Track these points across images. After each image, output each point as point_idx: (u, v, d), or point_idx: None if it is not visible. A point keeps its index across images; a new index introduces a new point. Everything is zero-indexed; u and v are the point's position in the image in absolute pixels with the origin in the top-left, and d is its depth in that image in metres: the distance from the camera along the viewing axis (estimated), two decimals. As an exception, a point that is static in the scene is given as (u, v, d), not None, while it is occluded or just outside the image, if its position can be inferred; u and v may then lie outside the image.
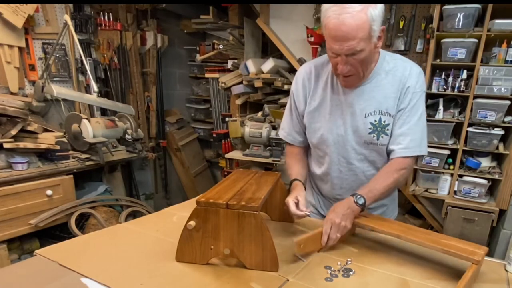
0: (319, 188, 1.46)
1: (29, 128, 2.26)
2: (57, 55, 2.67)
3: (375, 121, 1.21)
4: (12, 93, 2.44)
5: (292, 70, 3.15)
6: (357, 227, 1.23)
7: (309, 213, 1.13)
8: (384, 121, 1.21)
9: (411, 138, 1.21)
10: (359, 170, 1.30)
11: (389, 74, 1.21)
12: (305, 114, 1.33)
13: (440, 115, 2.31)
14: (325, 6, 1.07)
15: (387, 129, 1.22)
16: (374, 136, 1.23)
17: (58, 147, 2.29)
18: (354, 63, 1.11)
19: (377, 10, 1.05)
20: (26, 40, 2.51)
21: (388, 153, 1.27)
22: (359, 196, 1.17)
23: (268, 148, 2.90)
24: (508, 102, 2.16)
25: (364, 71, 1.16)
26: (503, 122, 2.20)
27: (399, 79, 1.20)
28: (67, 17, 2.30)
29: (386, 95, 1.21)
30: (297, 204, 1.17)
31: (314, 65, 1.32)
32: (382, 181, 1.22)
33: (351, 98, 1.23)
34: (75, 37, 2.43)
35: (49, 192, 2.21)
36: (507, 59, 2.15)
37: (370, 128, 1.22)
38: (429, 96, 2.35)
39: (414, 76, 1.20)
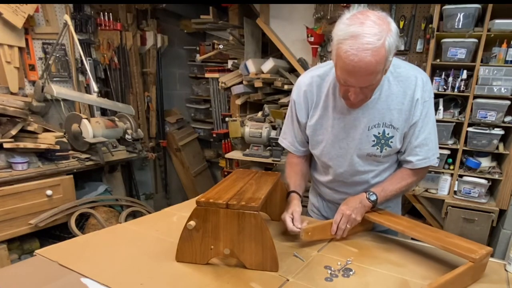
0: (323, 193, 1.45)
1: (29, 128, 2.25)
2: (57, 55, 2.66)
3: (379, 133, 1.20)
4: (12, 93, 2.44)
5: (292, 70, 3.15)
6: (367, 221, 1.26)
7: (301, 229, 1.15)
8: (388, 134, 1.19)
9: (428, 147, 1.21)
10: (363, 180, 1.30)
11: (392, 84, 1.17)
12: (307, 127, 1.31)
13: (440, 115, 2.31)
14: (338, 34, 1.00)
15: (391, 142, 1.21)
16: (377, 148, 1.21)
17: (58, 147, 2.29)
18: (366, 92, 1.09)
19: (393, 36, 0.99)
20: (26, 40, 2.51)
21: (404, 162, 1.27)
22: (371, 193, 1.21)
23: (268, 148, 2.90)
24: (508, 102, 2.16)
25: (372, 95, 1.14)
26: (503, 122, 2.20)
27: (403, 91, 1.16)
28: (67, 17, 2.30)
29: (390, 107, 1.17)
30: (292, 220, 1.18)
31: (315, 76, 1.27)
32: (396, 183, 1.26)
33: (354, 111, 1.20)
34: (75, 37, 2.43)
35: (49, 192, 2.21)
36: (507, 59, 2.15)
37: (374, 141, 1.21)
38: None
39: (420, 86, 1.16)
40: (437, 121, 2.30)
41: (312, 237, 1.16)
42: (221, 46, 3.25)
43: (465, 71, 2.25)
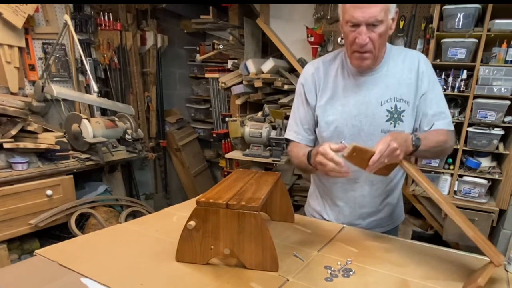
0: (328, 190, 1.41)
1: (29, 128, 2.26)
2: (57, 55, 2.66)
3: (391, 108, 1.23)
4: (12, 93, 2.44)
5: (292, 70, 3.15)
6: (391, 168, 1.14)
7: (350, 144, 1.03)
8: (400, 108, 1.23)
9: (445, 114, 1.26)
10: None
11: (398, 62, 1.26)
12: (317, 108, 1.32)
13: (440, 115, 2.31)
14: None
15: (403, 116, 1.23)
16: (391, 123, 1.23)
17: (58, 147, 2.29)
18: (373, 36, 1.14)
19: None
20: (26, 40, 2.52)
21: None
22: (418, 137, 1.13)
23: (268, 148, 2.90)
24: (508, 102, 2.15)
25: (379, 51, 1.19)
26: (503, 122, 2.20)
27: (408, 67, 1.25)
28: (67, 17, 2.30)
29: (399, 82, 1.24)
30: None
31: (322, 61, 1.34)
32: (435, 135, 1.21)
33: (365, 88, 1.25)
34: (75, 37, 2.43)
35: (49, 192, 2.21)
36: (507, 59, 2.15)
37: (387, 116, 1.23)
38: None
39: (423, 62, 1.26)
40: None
41: (352, 158, 1.04)
42: (221, 46, 3.25)
43: (465, 71, 2.25)
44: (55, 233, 2.38)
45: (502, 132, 2.20)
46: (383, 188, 1.34)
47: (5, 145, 2.10)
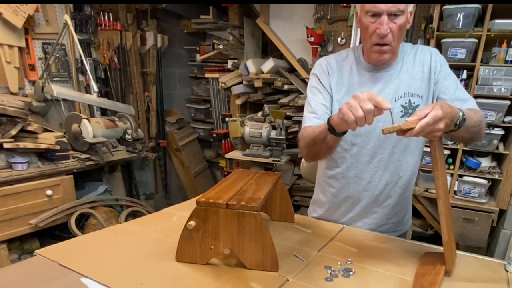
0: (338, 192, 1.38)
1: (29, 128, 2.26)
2: (57, 55, 2.67)
3: (406, 103, 1.24)
4: (12, 93, 2.44)
5: (292, 70, 3.15)
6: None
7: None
8: (414, 103, 1.24)
9: (469, 99, 1.22)
10: (390, 161, 1.28)
11: (410, 57, 1.27)
12: (334, 102, 1.30)
13: (440, 115, 2.30)
14: None
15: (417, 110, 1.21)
16: (406, 118, 1.22)
17: (58, 147, 2.29)
18: (393, 28, 1.14)
19: None
20: (26, 40, 2.52)
21: None
22: (464, 117, 1.01)
23: (268, 148, 2.90)
24: (508, 102, 2.16)
25: (397, 44, 1.20)
26: (503, 122, 2.20)
27: (421, 61, 1.26)
28: (67, 17, 2.30)
29: (412, 76, 1.25)
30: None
31: (335, 57, 1.34)
32: (473, 114, 1.09)
33: (380, 84, 1.26)
34: (75, 37, 2.43)
35: (49, 192, 2.21)
36: (507, 59, 2.15)
37: (402, 111, 1.24)
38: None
39: (435, 55, 1.27)
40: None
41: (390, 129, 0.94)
42: (221, 46, 3.25)
43: (465, 71, 2.25)
44: (55, 233, 2.38)
45: (502, 132, 2.20)
46: (397, 189, 1.34)
47: (5, 145, 2.10)
